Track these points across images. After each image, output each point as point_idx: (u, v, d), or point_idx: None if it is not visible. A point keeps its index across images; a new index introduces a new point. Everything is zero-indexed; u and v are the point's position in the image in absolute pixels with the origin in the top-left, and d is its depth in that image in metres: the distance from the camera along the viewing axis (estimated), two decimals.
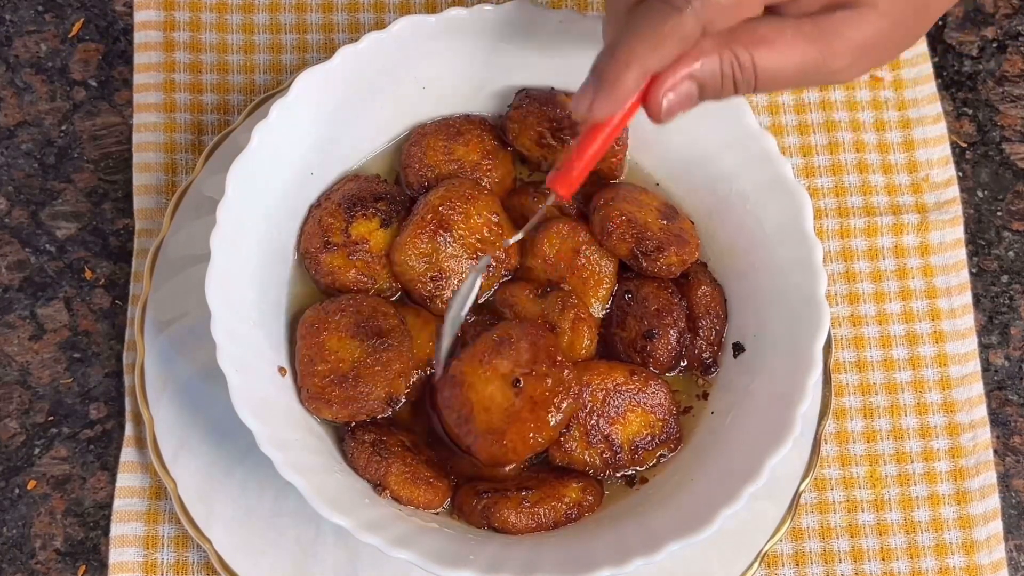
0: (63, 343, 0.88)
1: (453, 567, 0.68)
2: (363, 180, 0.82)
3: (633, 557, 0.69)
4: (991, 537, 0.86)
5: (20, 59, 0.95)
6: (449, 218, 0.79)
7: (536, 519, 0.75)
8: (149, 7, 0.95)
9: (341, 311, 0.78)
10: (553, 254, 0.81)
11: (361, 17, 0.97)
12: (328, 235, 0.80)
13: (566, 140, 0.83)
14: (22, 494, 0.85)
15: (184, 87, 0.94)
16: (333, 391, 0.76)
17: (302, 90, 0.78)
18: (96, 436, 0.87)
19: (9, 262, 0.90)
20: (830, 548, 0.85)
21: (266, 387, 0.75)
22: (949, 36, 1.00)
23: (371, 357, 0.77)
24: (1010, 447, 0.89)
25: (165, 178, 0.91)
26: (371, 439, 0.76)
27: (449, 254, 0.80)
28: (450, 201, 0.80)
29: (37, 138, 0.93)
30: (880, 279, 0.92)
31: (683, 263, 0.80)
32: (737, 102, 0.80)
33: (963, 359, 0.90)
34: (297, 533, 0.81)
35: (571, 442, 0.77)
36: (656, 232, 0.80)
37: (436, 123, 0.85)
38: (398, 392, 0.77)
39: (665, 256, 0.79)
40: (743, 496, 0.70)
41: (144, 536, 0.83)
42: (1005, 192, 0.96)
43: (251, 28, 0.96)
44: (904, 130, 0.95)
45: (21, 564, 0.84)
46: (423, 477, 0.75)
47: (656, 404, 0.78)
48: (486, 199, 0.81)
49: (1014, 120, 0.97)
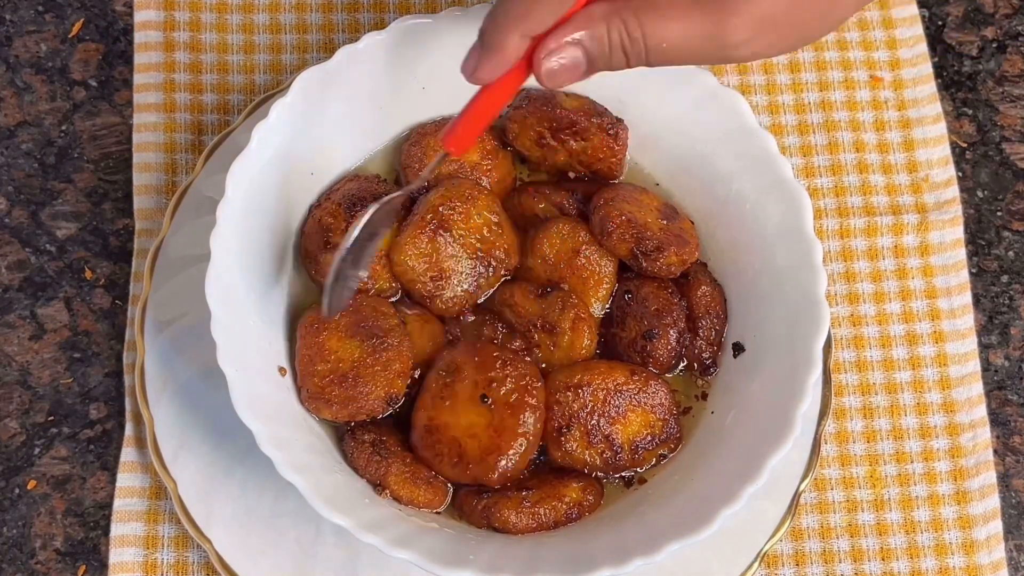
0: (63, 343, 0.88)
1: (453, 567, 0.68)
2: (363, 180, 0.82)
3: (633, 557, 0.69)
4: (991, 537, 0.86)
5: (20, 59, 0.95)
6: (449, 218, 0.79)
7: (537, 519, 0.75)
8: (149, 7, 0.95)
9: (339, 323, 0.78)
10: (553, 254, 0.81)
11: (361, 17, 0.97)
12: (328, 235, 0.80)
13: (566, 140, 0.83)
14: (22, 494, 0.85)
15: (184, 87, 0.94)
16: (333, 391, 0.76)
17: (302, 90, 0.78)
18: (96, 436, 0.87)
19: (9, 262, 0.90)
20: (830, 548, 0.85)
21: (266, 387, 0.75)
22: (949, 36, 1.00)
23: (371, 357, 0.77)
24: (1010, 447, 0.89)
25: (165, 178, 0.91)
26: (371, 439, 0.76)
27: (449, 254, 0.80)
28: (450, 201, 0.80)
29: (37, 138, 0.93)
30: (880, 279, 0.92)
31: (683, 263, 0.80)
32: (737, 102, 0.80)
33: (963, 359, 0.90)
34: (297, 533, 0.81)
35: (571, 442, 0.77)
36: (656, 232, 0.80)
37: (436, 123, 0.85)
38: (398, 392, 0.77)
39: (665, 256, 0.79)
40: (743, 496, 0.70)
41: (144, 536, 0.83)
42: (1005, 192, 0.96)
43: (251, 28, 0.96)
44: (904, 130, 0.95)
45: (21, 564, 0.84)
46: (423, 477, 0.75)
47: (657, 404, 0.78)
48: (486, 199, 0.81)
49: (1014, 120, 0.97)
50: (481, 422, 0.75)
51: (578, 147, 0.83)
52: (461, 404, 0.76)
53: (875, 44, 0.98)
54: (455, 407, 0.76)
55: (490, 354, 0.77)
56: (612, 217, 0.80)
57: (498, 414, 0.75)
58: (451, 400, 0.76)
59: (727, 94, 0.80)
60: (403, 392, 0.78)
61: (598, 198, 0.82)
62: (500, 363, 0.76)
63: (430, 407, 0.77)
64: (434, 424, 0.76)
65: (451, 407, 0.76)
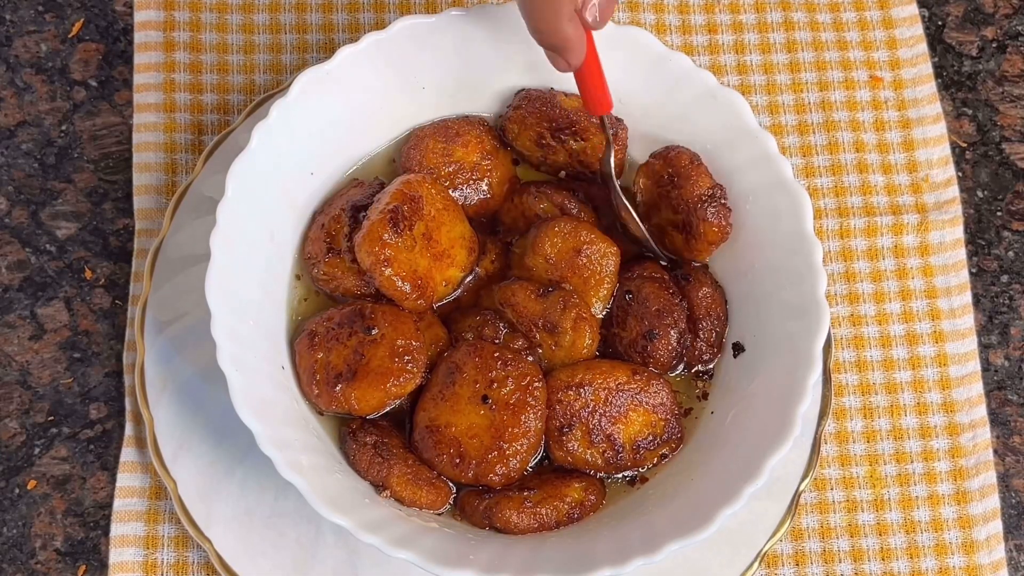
0: (63, 343, 0.88)
1: (453, 567, 0.68)
2: (366, 186, 0.82)
3: (633, 557, 0.69)
4: (991, 537, 0.86)
5: (20, 59, 0.95)
6: (408, 212, 0.78)
7: (538, 519, 0.75)
8: (149, 7, 0.95)
9: (338, 323, 0.78)
10: (554, 253, 0.81)
11: (361, 17, 0.97)
12: (331, 241, 0.79)
13: (566, 140, 0.83)
14: (22, 494, 0.85)
15: (184, 87, 0.94)
16: (333, 390, 0.76)
17: (302, 90, 0.78)
18: (96, 436, 0.87)
19: (9, 262, 0.90)
20: (830, 548, 0.85)
21: (266, 387, 0.75)
22: (949, 36, 1.00)
23: (370, 357, 0.77)
24: (1010, 447, 0.89)
25: (165, 178, 0.91)
26: (372, 440, 0.76)
27: (408, 246, 0.78)
28: (405, 195, 0.78)
29: (37, 138, 0.93)
30: (880, 279, 0.92)
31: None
32: (737, 102, 0.80)
33: (963, 359, 0.90)
34: (297, 533, 0.81)
35: (573, 442, 0.77)
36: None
37: (434, 125, 0.85)
38: (398, 392, 0.77)
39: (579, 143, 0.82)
40: (743, 496, 0.70)
41: (144, 536, 0.83)
42: (1005, 192, 0.96)
43: (251, 28, 0.96)
44: (904, 130, 0.96)
45: (21, 564, 0.84)
46: (425, 478, 0.75)
47: (658, 404, 0.78)
48: (440, 192, 0.80)
49: (1014, 120, 0.97)
50: (482, 422, 0.75)
51: (578, 147, 0.83)
52: (462, 404, 0.76)
53: (875, 44, 0.98)
54: (456, 407, 0.76)
55: (491, 354, 0.77)
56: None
57: (499, 414, 0.75)
58: (452, 400, 0.76)
59: (727, 94, 0.81)
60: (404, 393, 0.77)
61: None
62: (501, 363, 0.76)
63: (431, 407, 0.77)
64: (435, 424, 0.76)
65: (452, 407, 0.76)
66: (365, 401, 0.76)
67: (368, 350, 0.77)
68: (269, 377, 0.76)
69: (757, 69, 0.97)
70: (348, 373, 0.76)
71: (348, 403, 0.76)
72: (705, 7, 0.98)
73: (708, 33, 0.98)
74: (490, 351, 0.77)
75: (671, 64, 0.81)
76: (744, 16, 0.98)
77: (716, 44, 0.98)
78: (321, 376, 0.77)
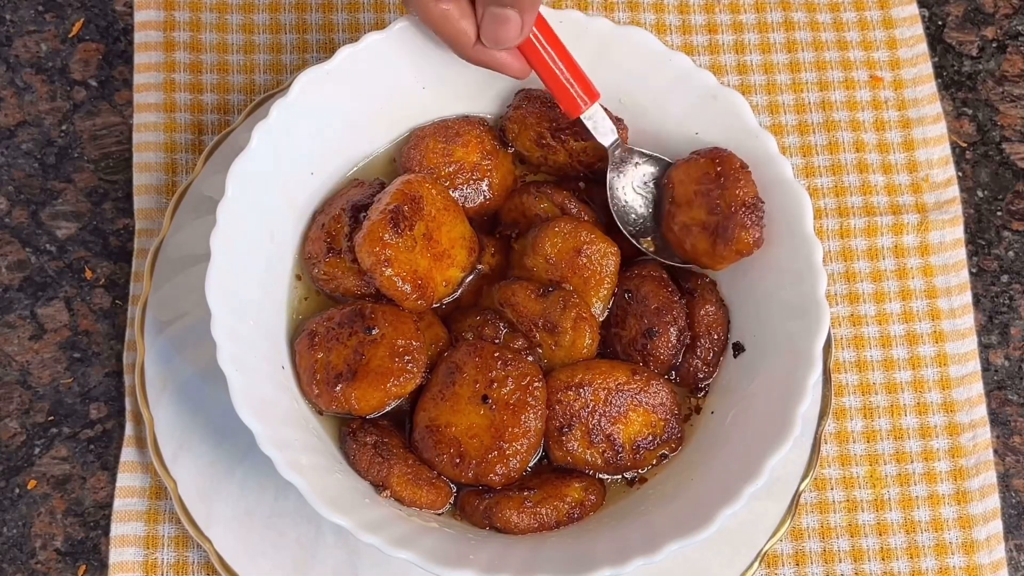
0: (63, 343, 0.88)
1: (453, 567, 0.68)
2: (367, 186, 0.82)
3: (633, 557, 0.69)
4: (991, 537, 0.86)
5: (20, 59, 0.95)
6: (408, 212, 0.78)
7: (538, 519, 0.75)
8: (149, 7, 0.95)
9: (339, 323, 0.78)
10: (554, 253, 0.81)
11: (361, 17, 0.97)
12: (331, 241, 0.79)
13: (566, 140, 0.83)
14: (22, 494, 0.85)
15: (184, 87, 0.94)
16: (333, 390, 0.76)
17: (302, 90, 0.78)
18: (96, 436, 0.87)
19: (9, 262, 0.90)
20: (830, 548, 0.85)
21: (266, 387, 0.75)
22: (949, 36, 1.00)
23: (370, 357, 0.77)
24: (1010, 447, 0.89)
25: (165, 178, 0.91)
26: (372, 440, 0.76)
27: (408, 247, 0.78)
28: (405, 195, 0.78)
29: (37, 138, 0.93)
30: (880, 279, 0.92)
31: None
32: (737, 102, 0.80)
33: (963, 359, 0.90)
34: (297, 533, 0.81)
35: (573, 441, 0.77)
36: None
37: (434, 125, 0.85)
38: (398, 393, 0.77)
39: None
40: (743, 496, 0.70)
41: (144, 536, 0.83)
42: (1005, 192, 0.96)
43: (251, 28, 0.96)
44: (904, 130, 0.96)
45: (21, 564, 0.84)
46: (426, 478, 0.75)
47: (658, 404, 0.78)
48: (440, 192, 0.80)
49: (1014, 120, 0.97)
50: (482, 422, 0.75)
51: (578, 147, 0.83)
52: (462, 404, 0.76)
53: (875, 44, 0.98)
54: (456, 407, 0.76)
55: (491, 354, 0.77)
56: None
57: (499, 414, 0.75)
58: (452, 400, 0.76)
59: (727, 94, 0.80)
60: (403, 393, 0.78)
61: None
62: (501, 363, 0.76)
63: (431, 407, 0.77)
64: (435, 424, 0.76)
65: (452, 407, 0.76)
66: (365, 401, 0.76)
67: (368, 350, 0.76)
68: (269, 377, 0.76)
69: (757, 69, 0.97)
70: (348, 373, 0.76)
71: (348, 403, 0.76)
72: (705, 7, 0.98)
73: (708, 33, 0.98)
74: (490, 351, 0.77)
75: (671, 64, 0.81)
76: (744, 16, 0.98)
77: (716, 44, 0.98)
78: (321, 376, 0.77)
